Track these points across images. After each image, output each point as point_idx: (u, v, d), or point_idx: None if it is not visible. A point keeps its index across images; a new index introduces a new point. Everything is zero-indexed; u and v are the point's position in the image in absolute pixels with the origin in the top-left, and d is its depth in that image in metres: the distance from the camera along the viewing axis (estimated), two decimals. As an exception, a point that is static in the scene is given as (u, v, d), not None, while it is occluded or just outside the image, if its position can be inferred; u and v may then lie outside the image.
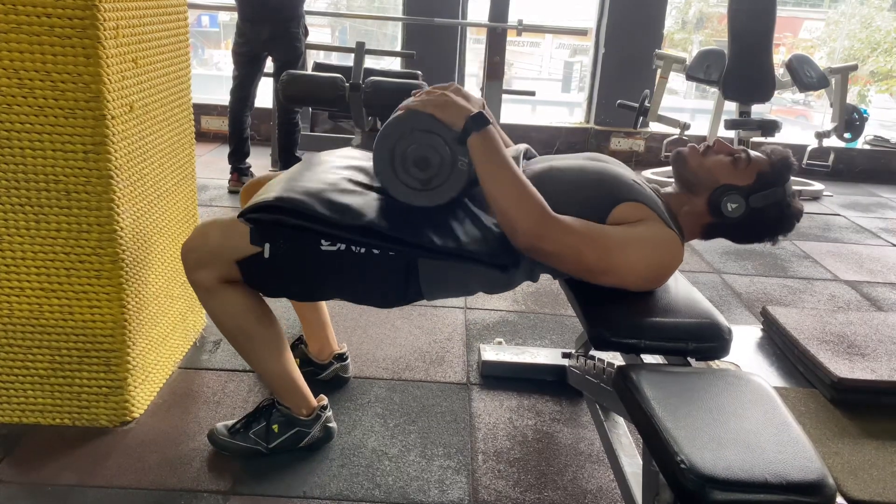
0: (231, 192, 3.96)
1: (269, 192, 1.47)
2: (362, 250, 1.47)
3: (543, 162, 1.67)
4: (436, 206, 1.47)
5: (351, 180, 1.55)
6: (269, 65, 4.07)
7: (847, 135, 4.72)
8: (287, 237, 1.47)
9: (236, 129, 3.98)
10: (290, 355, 1.69)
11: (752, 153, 1.59)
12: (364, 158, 1.69)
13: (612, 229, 1.45)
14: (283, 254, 1.48)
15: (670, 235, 1.48)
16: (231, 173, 4.03)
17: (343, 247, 1.47)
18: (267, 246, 1.47)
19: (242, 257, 1.49)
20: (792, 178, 1.63)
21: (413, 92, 1.60)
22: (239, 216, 1.47)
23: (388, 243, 1.45)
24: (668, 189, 1.67)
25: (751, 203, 1.55)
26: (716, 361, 2.06)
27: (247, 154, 4.05)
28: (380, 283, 1.52)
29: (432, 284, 1.54)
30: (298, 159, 4.12)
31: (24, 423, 1.80)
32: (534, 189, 1.42)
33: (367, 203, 1.47)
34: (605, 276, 1.46)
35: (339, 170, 1.60)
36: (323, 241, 1.47)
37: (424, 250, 1.45)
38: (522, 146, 1.74)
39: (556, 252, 1.42)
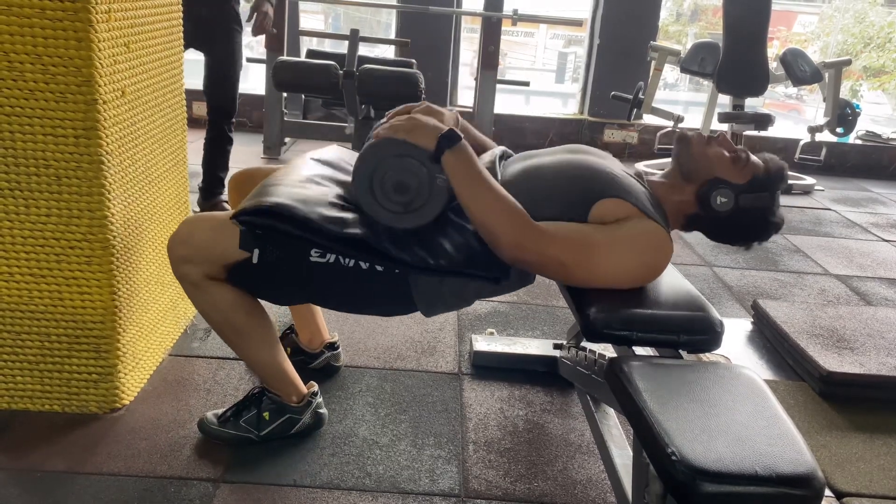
0: None
1: (264, 196, 1.46)
2: (350, 263, 1.48)
3: (522, 160, 1.67)
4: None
5: (340, 196, 1.56)
6: (262, 52, 4.01)
7: (839, 129, 4.74)
8: (277, 244, 1.47)
9: None
10: (279, 345, 1.68)
11: (752, 156, 1.60)
12: (350, 168, 1.69)
13: (596, 234, 1.45)
14: (272, 261, 1.48)
15: (655, 231, 1.47)
16: None
17: (332, 258, 1.48)
18: (256, 252, 1.47)
19: (230, 261, 1.49)
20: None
21: (386, 114, 1.62)
22: (232, 217, 1.47)
23: (376, 258, 1.47)
24: (657, 178, 1.68)
25: (739, 202, 1.56)
26: (707, 354, 2.07)
27: None
28: (373, 296, 1.55)
29: (429, 302, 1.57)
30: (221, 181, 3.31)
31: (13, 409, 1.79)
32: (512, 200, 1.43)
33: (358, 218, 1.49)
34: (592, 283, 1.49)
35: (331, 184, 1.61)
36: (312, 252, 1.47)
37: (414, 268, 1.47)
38: (499, 148, 1.74)
39: (540, 262, 1.45)
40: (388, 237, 1.46)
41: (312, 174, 1.62)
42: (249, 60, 3.91)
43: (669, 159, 1.68)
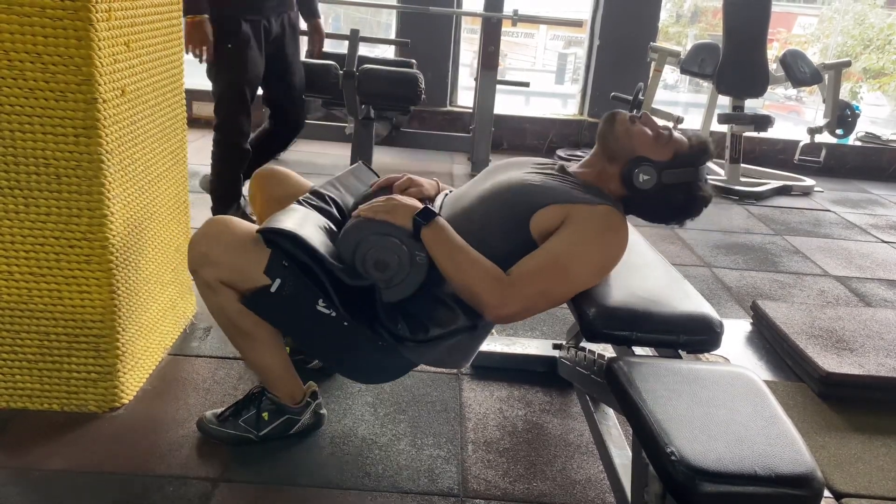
0: None
1: (286, 223, 1.47)
2: (345, 323, 1.49)
3: (453, 203, 1.68)
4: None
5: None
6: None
7: (839, 131, 4.74)
8: (295, 281, 1.48)
9: None
10: (283, 349, 1.69)
11: (675, 133, 1.62)
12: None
13: (553, 247, 1.47)
14: (286, 296, 1.49)
15: (593, 209, 1.50)
16: None
17: (335, 314, 1.49)
18: (277, 281, 1.48)
19: (249, 283, 1.49)
20: (709, 164, 1.65)
21: (370, 184, 1.78)
22: (259, 231, 1.47)
23: (369, 317, 1.49)
24: (577, 168, 1.68)
25: (662, 178, 1.57)
26: (706, 354, 2.07)
27: None
28: (364, 359, 1.57)
29: (432, 359, 1.60)
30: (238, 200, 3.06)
31: (11, 407, 1.78)
32: (487, 263, 1.46)
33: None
34: (579, 290, 1.51)
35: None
36: (320, 301, 1.48)
37: (401, 340, 1.50)
38: (443, 192, 1.78)
39: (526, 307, 1.49)
40: (381, 305, 1.48)
41: (320, 223, 1.62)
42: None
43: None
